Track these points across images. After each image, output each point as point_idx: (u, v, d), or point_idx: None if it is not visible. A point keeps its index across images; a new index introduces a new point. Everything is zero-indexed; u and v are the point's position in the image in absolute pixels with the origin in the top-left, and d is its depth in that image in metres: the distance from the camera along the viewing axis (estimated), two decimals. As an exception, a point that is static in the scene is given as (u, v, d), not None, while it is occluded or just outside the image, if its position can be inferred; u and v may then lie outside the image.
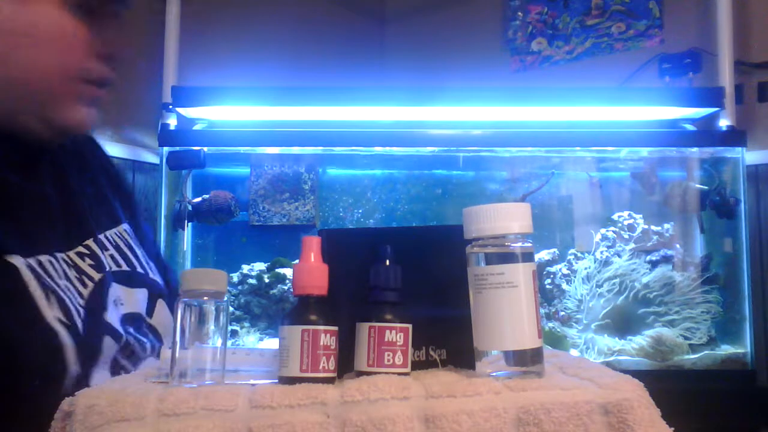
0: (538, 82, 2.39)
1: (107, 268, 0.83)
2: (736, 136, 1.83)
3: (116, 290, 0.83)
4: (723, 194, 1.85)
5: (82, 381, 0.72)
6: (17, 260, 0.70)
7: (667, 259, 1.85)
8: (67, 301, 0.73)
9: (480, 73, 2.41)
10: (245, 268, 1.97)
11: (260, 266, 1.97)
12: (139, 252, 0.92)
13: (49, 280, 0.73)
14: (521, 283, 0.55)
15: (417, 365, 0.60)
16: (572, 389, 0.51)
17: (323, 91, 1.81)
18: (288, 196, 1.94)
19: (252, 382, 0.55)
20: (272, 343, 1.78)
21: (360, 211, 2.04)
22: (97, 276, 0.80)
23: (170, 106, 1.92)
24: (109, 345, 0.76)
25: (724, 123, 1.86)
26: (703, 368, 1.74)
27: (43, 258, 0.74)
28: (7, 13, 0.74)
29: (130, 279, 0.87)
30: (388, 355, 0.54)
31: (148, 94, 2.01)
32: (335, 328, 0.55)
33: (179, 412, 0.49)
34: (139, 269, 0.90)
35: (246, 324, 1.91)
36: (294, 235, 1.96)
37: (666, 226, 1.90)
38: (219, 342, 0.56)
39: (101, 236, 0.86)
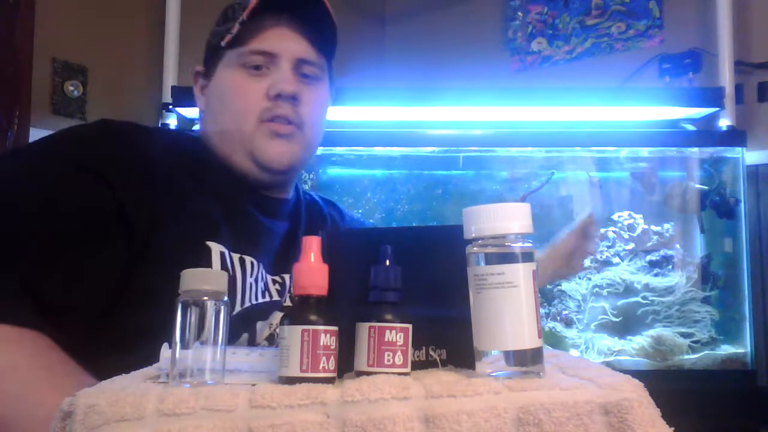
0: (538, 82, 2.39)
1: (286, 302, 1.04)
2: (736, 136, 1.83)
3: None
4: (723, 194, 1.85)
5: None
6: (216, 246, 0.93)
7: (667, 259, 1.85)
8: (239, 292, 0.95)
9: (480, 73, 2.41)
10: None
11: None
12: None
13: (236, 271, 0.95)
14: (521, 283, 0.55)
15: (417, 365, 0.60)
16: (572, 389, 0.51)
17: (323, 91, 1.81)
18: (288, 196, 1.94)
19: (252, 382, 0.55)
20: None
21: (360, 211, 2.04)
22: (274, 297, 1.02)
23: (170, 106, 1.92)
24: (241, 341, 0.95)
25: (724, 123, 1.86)
26: (703, 368, 1.74)
27: (248, 258, 0.98)
28: (208, 84, 1.06)
29: None
30: (388, 355, 0.54)
31: (149, 94, 2.01)
32: (335, 328, 0.55)
33: (179, 412, 0.49)
34: None
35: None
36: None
37: (666, 226, 1.90)
38: (219, 342, 0.56)
39: None
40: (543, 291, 1.87)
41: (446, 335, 0.62)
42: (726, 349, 1.79)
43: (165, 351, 0.60)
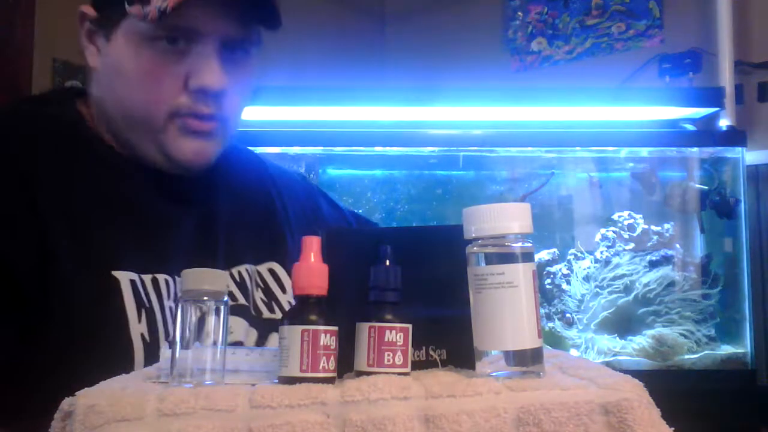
0: (538, 82, 2.39)
1: None
2: (736, 136, 1.83)
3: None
4: (723, 194, 1.85)
5: None
6: (125, 276, 0.78)
7: (667, 259, 1.85)
8: (161, 319, 0.80)
9: (480, 73, 2.41)
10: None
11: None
12: (256, 292, 0.92)
13: (151, 297, 0.80)
14: (521, 283, 0.55)
15: (417, 365, 0.60)
16: (572, 389, 0.51)
17: (323, 91, 1.81)
18: (288, 196, 1.93)
19: (252, 382, 0.55)
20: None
21: (360, 211, 2.04)
22: None
23: (170, 106, 1.91)
24: None
25: (724, 123, 1.86)
26: (703, 368, 1.74)
27: (161, 277, 0.81)
28: (102, 50, 0.83)
29: (241, 314, 0.89)
30: (388, 355, 0.54)
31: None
32: (335, 328, 0.55)
33: (179, 412, 0.49)
34: (251, 308, 0.90)
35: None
36: (294, 235, 1.95)
37: (666, 226, 1.90)
38: (219, 342, 0.56)
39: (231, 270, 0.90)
40: (543, 291, 1.87)
41: (446, 335, 0.62)
42: (726, 349, 1.79)
43: (165, 351, 0.60)
